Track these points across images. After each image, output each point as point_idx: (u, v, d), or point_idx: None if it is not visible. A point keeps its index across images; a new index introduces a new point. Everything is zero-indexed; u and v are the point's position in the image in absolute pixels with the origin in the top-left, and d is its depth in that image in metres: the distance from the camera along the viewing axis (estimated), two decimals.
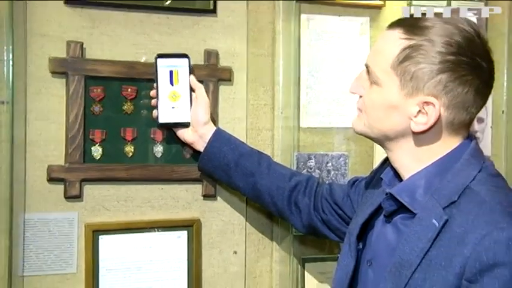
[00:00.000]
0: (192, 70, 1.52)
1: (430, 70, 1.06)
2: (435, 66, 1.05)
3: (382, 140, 1.17)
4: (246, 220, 1.66)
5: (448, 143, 1.11)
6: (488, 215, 1.00)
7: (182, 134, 1.51)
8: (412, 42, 1.07)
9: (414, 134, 1.11)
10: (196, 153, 1.54)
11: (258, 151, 1.55)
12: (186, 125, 1.50)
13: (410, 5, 1.73)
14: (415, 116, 1.09)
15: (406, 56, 1.07)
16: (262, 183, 1.49)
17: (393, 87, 1.10)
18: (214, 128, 1.51)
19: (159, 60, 1.49)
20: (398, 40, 1.09)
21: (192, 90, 1.50)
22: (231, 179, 1.52)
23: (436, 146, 1.11)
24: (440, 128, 1.09)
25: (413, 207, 1.10)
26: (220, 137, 1.51)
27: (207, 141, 1.49)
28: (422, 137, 1.11)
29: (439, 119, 1.08)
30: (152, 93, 1.50)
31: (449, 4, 1.77)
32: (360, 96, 1.20)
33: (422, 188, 1.10)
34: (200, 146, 1.50)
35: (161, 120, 1.48)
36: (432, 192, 1.08)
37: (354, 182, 1.46)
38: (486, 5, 1.83)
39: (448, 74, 1.05)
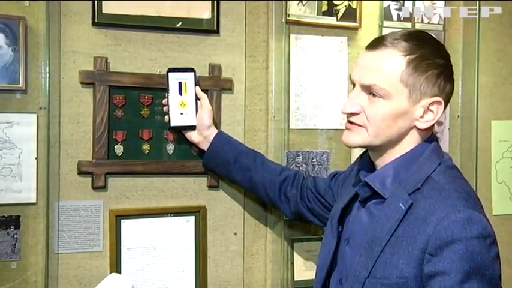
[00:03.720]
0: (197, 82, 1.55)
1: (432, 76, 1.08)
2: (436, 71, 1.08)
3: (384, 145, 1.14)
4: (244, 207, 1.68)
5: (425, 135, 1.14)
6: (447, 200, 1.01)
7: (190, 135, 1.55)
8: (413, 56, 1.07)
9: (419, 130, 1.11)
10: (201, 152, 1.58)
11: (254, 150, 1.58)
12: (192, 128, 1.53)
13: (381, 27, 1.79)
14: (421, 117, 1.10)
15: (413, 68, 1.07)
16: (257, 177, 1.52)
17: (402, 98, 1.08)
18: (216, 131, 1.54)
19: (170, 73, 1.52)
20: (399, 57, 1.08)
21: (197, 98, 1.54)
22: (230, 173, 1.55)
23: (414, 139, 1.13)
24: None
25: (384, 192, 1.11)
26: (221, 138, 1.53)
27: (210, 141, 1.53)
28: (418, 132, 1.12)
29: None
30: (164, 101, 1.54)
31: (413, 27, 1.81)
32: (354, 114, 1.14)
33: (391, 177, 1.12)
34: (205, 146, 1.54)
35: (172, 124, 1.52)
36: (399, 181, 1.09)
37: (334, 176, 1.48)
38: (444, 30, 1.88)
39: (443, 76, 1.09)
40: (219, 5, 1.63)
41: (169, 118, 1.52)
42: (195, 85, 1.54)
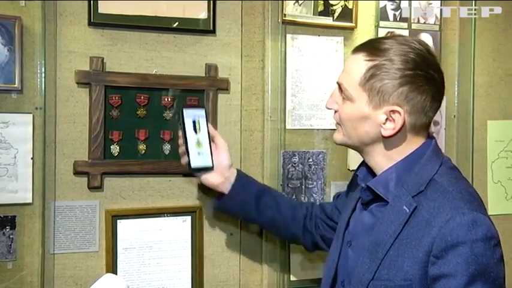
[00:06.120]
0: (208, 119, 1.46)
1: (393, 84, 1.07)
2: (396, 80, 1.07)
3: (360, 146, 1.17)
4: None
5: (413, 143, 1.14)
6: (452, 202, 1.02)
7: (206, 178, 1.44)
8: (375, 62, 1.09)
9: (384, 138, 1.13)
10: (207, 191, 1.55)
11: (273, 189, 1.54)
12: (210, 169, 1.43)
13: (377, 27, 1.80)
14: (384, 123, 1.10)
15: (371, 75, 1.09)
16: (279, 215, 1.48)
17: (363, 102, 1.11)
18: (236, 170, 1.47)
19: (185, 110, 1.42)
20: (363, 62, 1.10)
21: (210, 136, 1.44)
22: (249, 214, 1.47)
23: (403, 146, 1.13)
24: (405, 131, 1.11)
25: (387, 196, 1.12)
26: (243, 178, 1.47)
27: (232, 182, 1.44)
28: (391, 140, 1.13)
29: (404, 124, 1.10)
30: (180, 141, 1.45)
31: (410, 27, 1.83)
32: (335, 111, 1.20)
33: (394, 181, 1.12)
34: (225, 188, 1.44)
35: (193, 165, 1.41)
36: (402, 183, 1.10)
37: (338, 195, 1.49)
38: (440, 30, 1.88)
39: (408, 86, 1.07)
40: (215, 5, 1.63)
41: (189, 159, 1.41)
42: (207, 122, 1.45)
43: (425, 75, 1.09)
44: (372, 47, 1.12)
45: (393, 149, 1.14)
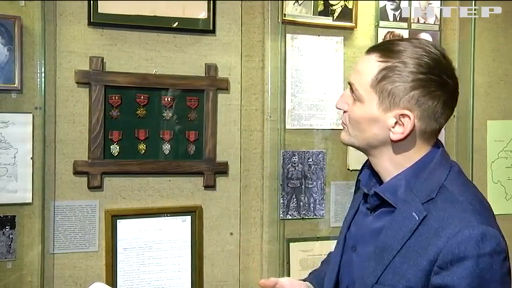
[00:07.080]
0: None
1: (404, 87, 1.05)
2: (408, 84, 1.05)
3: (367, 148, 1.16)
4: (240, 207, 1.69)
5: (422, 149, 1.11)
6: (461, 214, 1.00)
7: None
8: (387, 64, 1.07)
9: (393, 142, 1.10)
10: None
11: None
12: None
13: (377, 27, 1.79)
14: (393, 127, 1.08)
15: (383, 76, 1.07)
16: None
17: (373, 103, 1.08)
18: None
19: None
20: (375, 63, 1.08)
21: None
22: None
23: (411, 152, 1.11)
24: (415, 136, 1.09)
25: (396, 203, 1.10)
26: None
27: None
28: (400, 144, 1.10)
29: (413, 129, 1.07)
30: None
31: (409, 27, 1.83)
32: (344, 112, 1.17)
33: (403, 187, 1.11)
34: None
35: None
36: (411, 188, 1.09)
37: None
38: (440, 30, 1.88)
39: (419, 90, 1.05)
40: (215, 5, 1.64)
41: None
42: None
43: (438, 80, 1.06)
44: (385, 48, 1.10)
45: (401, 155, 1.11)
